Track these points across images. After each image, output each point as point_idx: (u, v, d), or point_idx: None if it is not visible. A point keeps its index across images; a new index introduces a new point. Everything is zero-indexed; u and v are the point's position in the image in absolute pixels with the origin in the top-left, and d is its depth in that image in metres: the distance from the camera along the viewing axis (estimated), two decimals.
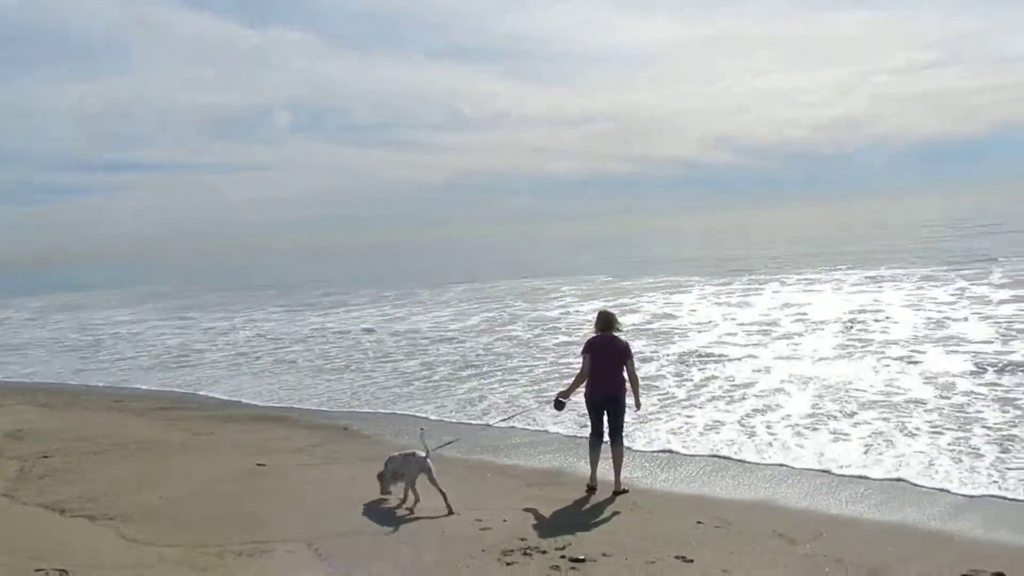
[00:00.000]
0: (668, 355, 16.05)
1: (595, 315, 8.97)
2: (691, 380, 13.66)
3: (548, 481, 8.99)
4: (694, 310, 22.92)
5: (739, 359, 15.14)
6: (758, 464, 9.16)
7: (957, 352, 14.15)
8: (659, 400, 12.39)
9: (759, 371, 13.94)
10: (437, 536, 7.14)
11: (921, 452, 8.99)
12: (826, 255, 41.82)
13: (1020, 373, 12.21)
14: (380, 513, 7.91)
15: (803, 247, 52.38)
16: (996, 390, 11.39)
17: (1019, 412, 10.21)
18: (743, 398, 12.12)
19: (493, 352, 18.31)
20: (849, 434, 9.92)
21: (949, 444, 9.18)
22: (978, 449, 8.93)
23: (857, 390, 12.01)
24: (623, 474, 8.50)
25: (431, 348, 19.78)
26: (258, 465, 9.77)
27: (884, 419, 10.40)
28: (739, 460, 9.33)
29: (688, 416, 11.41)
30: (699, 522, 7.34)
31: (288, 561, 6.69)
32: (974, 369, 12.75)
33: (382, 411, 13.46)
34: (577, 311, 24.82)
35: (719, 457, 9.50)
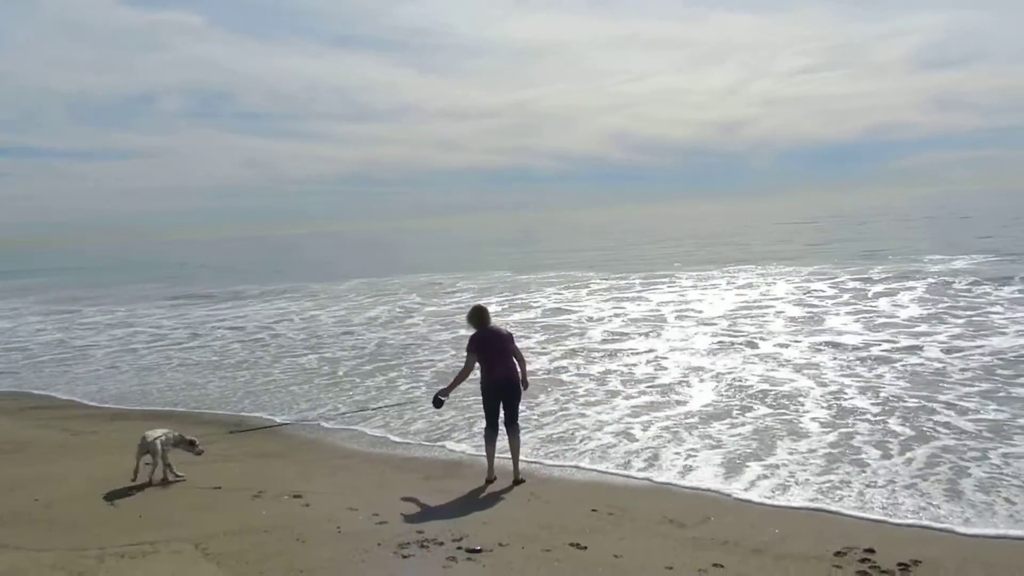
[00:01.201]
0: (562, 349, 16.34)
1: (469, 311, 9.02)
2: (586, 373, 13.94)
3: (446, 474, 9.00)
4: (586, 305, 23.34)
5: (632, 352, 15.54)
6: (652, 453, 9.43)
7: (833, 346, 14.98)
8: (560, 394, 12.60)
9: (652, 363, 14.34)
10: (332, 532, 7.03)
11: (804, 440, 9.46)
12: (719, 251, 43.66)
13: (887, 364, 13.06)
14: (272, 510, 7.74)
15: (696, 243, 54.38)
16: (870, 380, 12.14)
17: (893, 400, 10.90)
18: (636, 389, 12.44)
19: (390, 346, 18.21)
20: (736, 424, 10.33)
21: (829, 431, 9.71)
22: (853, 438, 9.46)
23: (744, 383, 12.53)
24: (520, 464, 8.64)
25: (331, 343, 19.46)
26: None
27: (771, 409, 10.89)
28: (634, 451, 9.56)
29: (583, 407, 11.64)
30: (594, 510, 7.50)
31: (174, 562, 6.44)
32: (849, 361, 13.55)
33: (277, 407, 13.15)
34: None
35: (615, 447, 9.71)
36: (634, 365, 14.28)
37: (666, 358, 14.71)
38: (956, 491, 7.55)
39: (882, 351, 14.06)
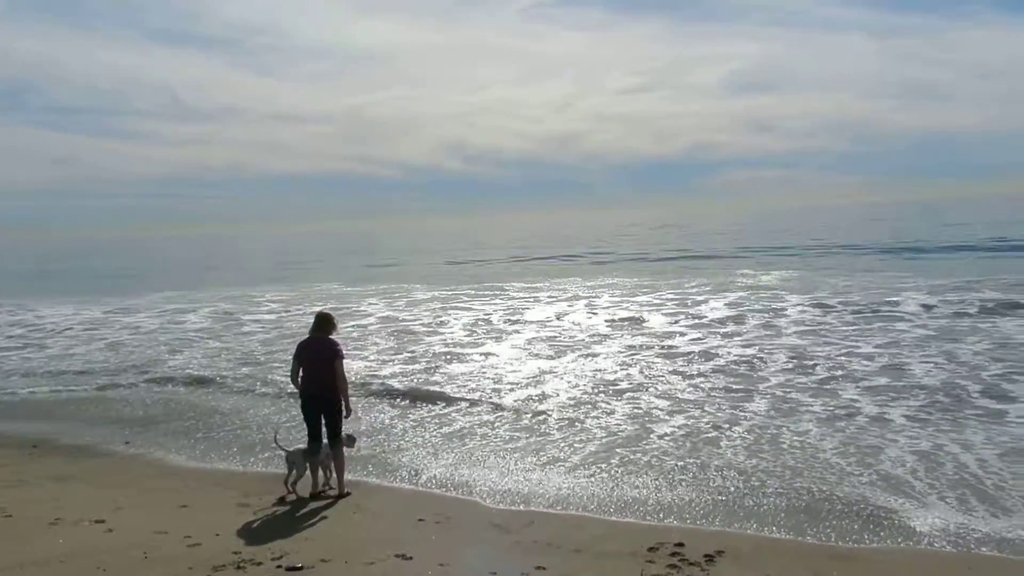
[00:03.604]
0: (393, 361, 16.18)
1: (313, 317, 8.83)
2: (418, 385, 13.85)
3: (267, 490, 8.60)
4: (418, 316, 23.16)
5: (463, 360, 15.63)
6: (480, 460, 9.52)
7: (620, 354, 15.84)
8: (390, 406, 12.53)
9: (480, 374, 14.49)
10: (137, 559, 6.52)
11: (615, 448, 9.91)
12: (554, 261, 44.92)
13: (668, 360, 14.02)
14: (71, 537, 7.07)
15: (532, 252, 55.71)
16: (674, 386, 12.93)
17: (689, 404, 11.64)
18: (468, 399, 12.51)
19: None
20: (554, 427, 10.68)
21: (637, 438, 10.24)
22: (663, 445, 10.02)
23: (568, 391, 12.95)
24: (346, 477, 8.46)
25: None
26: None
27: (582, 412, 11.37)
28: (463, 459, 9.60)
29: (413, 418, 11.60)
30: (420, 520, 7.47)
31: None
32: (645, 371, 14.37)
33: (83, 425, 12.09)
34: (284, 316, 24.11)
35: (444, 457, 9.71)
36: (465, 375, 14.35)
37: (494, 368, 14.92)
38: (757, 490, 8.21)
39: (682, 353, 15.04)
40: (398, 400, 12.75)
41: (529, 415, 11.44)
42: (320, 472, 8.49)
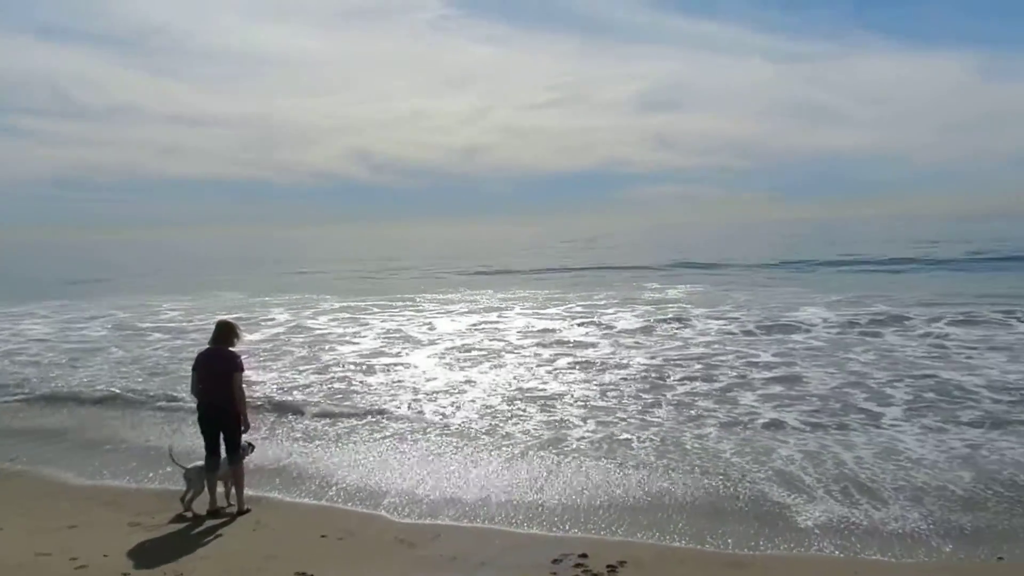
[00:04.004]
0: (297, 374, 15.83)
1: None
2: (322, 400, 13.59)
3: (162, 508, 8.23)
4: (326, 328, 22.75)
5: (368, 373, 15.42)
6: (377, 474, 9.39)
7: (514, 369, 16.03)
8: (294, 420, 12.23)
9: (390, 386, 14.34)
10: None
11: (525, 458, 9.96)
12: (462, 272, 44.89)
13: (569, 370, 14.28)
14: None
15: (442, 263, 55.49)
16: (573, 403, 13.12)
17: (590, 413, 11.83)
18: (372, 414, 12.31)
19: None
20: (465, 438, 10.66)
21: (547, 448, 10.31)
22: (572, 454, 10.13)
23: (468, 397, 12.94)
24: (246, 492, 8.20)
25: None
26: None
27: (495, 422, 11.38)
28: (368, 474, 9.45)
29: (316, 433, 11.38)
30: (323, 536, 7.32)
31: None
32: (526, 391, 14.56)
33: None
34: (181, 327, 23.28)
35: (349, 472, 9.52)
36: (376, 386, 14.16)
37: (406, 379, 14.78)
38: (661, 497, 8.39)
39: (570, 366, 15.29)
40: (307, 412, 12.45)
41: (441, 426, 11.41)
42: (219, 488, 8.21)
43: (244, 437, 8.29)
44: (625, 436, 10.53)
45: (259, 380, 14.69)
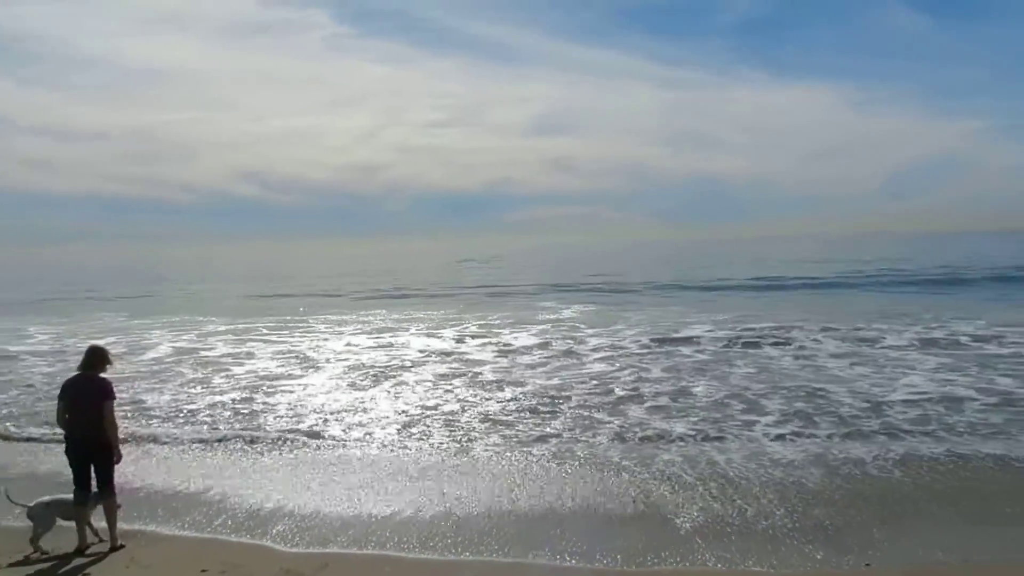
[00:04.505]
0: (178, 401, 15.09)
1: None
2: (205, 415, 13.02)
3: (21, 548, 7.57)
4: (211, 350, 21.86)
5: (249, 399, 14.89)
6: (267, 501, 9.05)
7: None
8: (171, 449, 11.63)
9: (271, 405, 13.88)
10: None
11: (420, 479, 9.83)
12: (357, 292, 43.96)
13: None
14: None
15: (335, 283, 54.19)
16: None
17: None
18: (256, 433, 11.90)
19: None
20: (360, 461, 10.42)
21: (441, 468, 10.22)
22: (467, 474, 10.07)
23: (363, 419, 12.69)
24: (119, 526, 7.69)
25: None
26: None
27: (391, 443, 11.19)
28: (252, 504, 9.07)
29: (199, 453, 10.91)
30: (203, 570, 6.96)
31: None
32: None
33: None
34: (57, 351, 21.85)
35: (232, 497, 9.13)
36: (266, 410, 13.64)
37: (298, 402, 14.31)
38: (553, 512, 8.43)
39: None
40: (194, 437, 11.93)
41: (337, 448, 11.19)
42: (90, 524, 7.66)
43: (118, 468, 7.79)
44: (522, 451, 10.70)
45: (139, 406, 13.95)
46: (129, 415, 13.26)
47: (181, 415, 13.51)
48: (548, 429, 11.93)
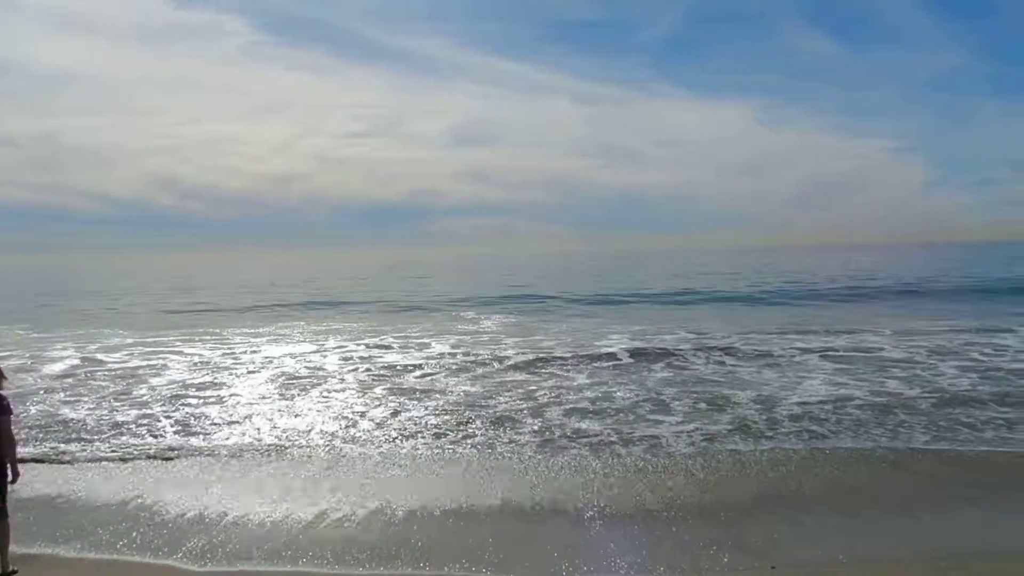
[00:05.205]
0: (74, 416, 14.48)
1: None
2: (114, 430, 12.52)
3: None
4: (118, 363, 21.02)
5: (147, 415, 14.41)
6: (178, 517, 8.80)
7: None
8: (66, 469, 11.12)
9: (185, 417, 13.49)
10: None
11: (336, 491, 9.72)
12: (275, 303, 42.93)
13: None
14: None
15: (253, 294, 52.83)
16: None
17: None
18: (169, 446, 11.51)
19: None
20: (277, 472, 10.21)
21: (357, 477, 10.14)
22: (383, 482, 10.01)
23: (281, 430, 12.46)
24: (10, 550, 7.32)
25: None
26: None
27: (308, 453, 11.01)
28: (149, 519, 8.78)
29: (108, 469, 10.47)
30: None
31: None
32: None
33: None
34: None
35: (142, 514, 8.81)
36: (180, 422, 13.20)
37: (214, 414, 13.88)
38: (466, 520, 8.45)
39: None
40: (98, 452, 11.48)
41: (253, 460, 10.96)
42: None
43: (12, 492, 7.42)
44: (440, 460, 10.83)
45: (44, 420, 13.36)
46: (31, 430, 12.67)
47: (87, 429, 12.96)
48: (464, 436, 12.18)
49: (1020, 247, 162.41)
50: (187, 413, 14.19)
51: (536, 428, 12.60)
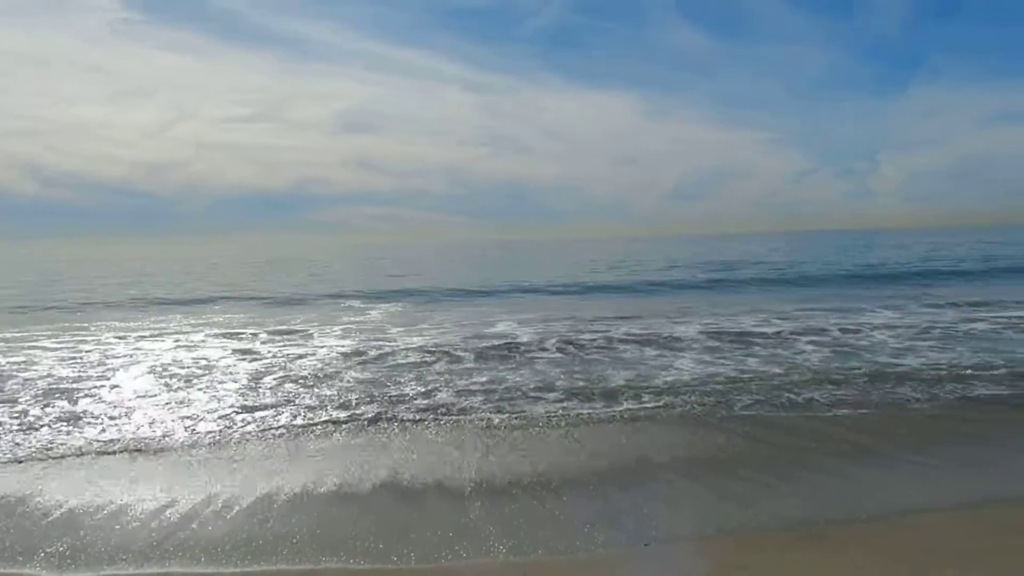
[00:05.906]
0: None
1: None
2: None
3: None
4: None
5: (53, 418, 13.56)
6: (41, 519, 8.30)
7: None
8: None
9: (56, 417, 12.73)
10: None
11: (228, 487, 9.44)
12: (147, 296, 40.95)
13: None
14: None
15: (124, 287, 50.17)
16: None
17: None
18: (40, 446, 10.87)
19: None
20: (160, 469, 9.83)
21: (251, 473, 9.86)
22: (284, 478, 9.79)
23: (166, 426, 11.98)
24: None
25: None
26: None
27: (195, 450, 10.62)
28: (17, 520, 8.29)
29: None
30: None
31: None
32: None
33: None
34: None
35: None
36: (40, 421, 12.44)
37: (88, 413, 13.12)
38: (346, 506, 8.36)
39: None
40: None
41: (126, 458, 10.44)
42: None
43: None
44: (319, 447, 10.74)
45: None
46: None
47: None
48: (350, 419, 12.25)
49: (878, 235, 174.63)
50: (56, 410, 13.38)
51: (418, 412, 12.79)
